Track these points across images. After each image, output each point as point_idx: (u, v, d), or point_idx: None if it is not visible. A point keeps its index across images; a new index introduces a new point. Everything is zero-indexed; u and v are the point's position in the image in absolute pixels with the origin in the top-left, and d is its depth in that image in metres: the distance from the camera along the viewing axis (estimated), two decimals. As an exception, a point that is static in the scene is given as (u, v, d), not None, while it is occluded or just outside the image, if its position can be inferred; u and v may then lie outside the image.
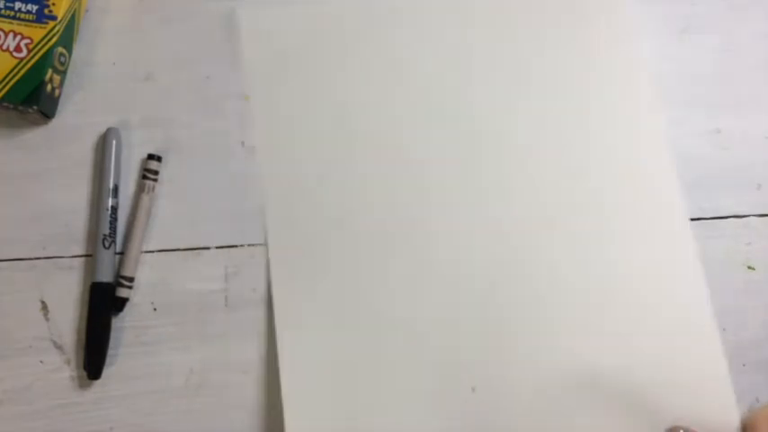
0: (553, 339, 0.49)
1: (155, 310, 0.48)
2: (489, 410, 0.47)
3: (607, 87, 0.52)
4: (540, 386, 0.48)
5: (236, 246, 0.49)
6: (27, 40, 0.47)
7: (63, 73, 0.49)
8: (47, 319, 0.48)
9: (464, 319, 0.49)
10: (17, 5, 0.47)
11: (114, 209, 0.48)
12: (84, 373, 0.47)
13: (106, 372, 0.47)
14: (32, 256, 0.48)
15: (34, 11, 0.47)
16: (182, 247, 0.49)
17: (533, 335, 0.49)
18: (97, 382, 0.47)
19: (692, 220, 0.52)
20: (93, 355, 0.46)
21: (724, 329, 0.51)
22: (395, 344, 0.48)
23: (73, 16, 0.49)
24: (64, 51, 0.48)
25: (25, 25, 0.47)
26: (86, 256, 0.48)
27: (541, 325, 0.49)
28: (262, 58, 0.51)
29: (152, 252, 0.49)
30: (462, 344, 0.48)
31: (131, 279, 0.48)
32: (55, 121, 0.50)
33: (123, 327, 0.48)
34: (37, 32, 0.47)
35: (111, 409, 0.47)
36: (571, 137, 0.52)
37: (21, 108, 0.47)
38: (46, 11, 0.47)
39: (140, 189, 0.49)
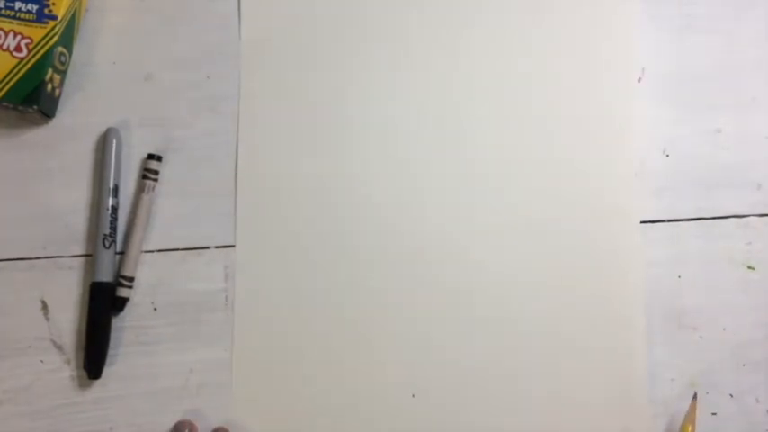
0: (496, 352, 0.50)
1: (155, 309, 0.48)
2: (428, 417, 0.48)
3: (589, 84, 0.53)
4: (479, 392, 0.49)
5: (236, 246, 0.49)
6: (27, 40, 0.47)
7: (63, 73, 0.49)
8: (47, 319, 0.48)
9: (408, 323, 0.49)
10: (17, 5, 0.47)
11: (114, 209, 0.48)
12: (84, 373, 0.47)
13: (106, 372, 0.47)
14: (32, 256, 0.48)
15: (34, 10, 0.47)
16: (182, 247, 0.49)
17: (476, 342, 0.50)
18: (97, 382, 0.47)
19: (692, 220, 0.52)
20: (93, 355, 0.46)
21: (724, 329, 0.51)
22: (341, 348, 0.49)
23: (73, 16, 0.49)
24: (64, 51, 0.48)
25: (25, 25, 0.47)
26: (86, 255, 0.48)
27: (483, 332, 0.50)
28: (252, 54, 0.51)
29: (152, 252, 0.49)
30: (404, 349, 0.49)
31: (131, 279, 0.48)
32: (55, 121, 0.50)
33: (123, 327, 0.48)
34: (37, 32, 0.47)
35: (111, 409, 0.47)
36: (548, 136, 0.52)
37: (21, 108, 0.47)
38: (46, 10, 0.47)
39: (140, 189, 0.49)
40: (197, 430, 0.47)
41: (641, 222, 0.51)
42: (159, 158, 0.49)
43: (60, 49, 0.48)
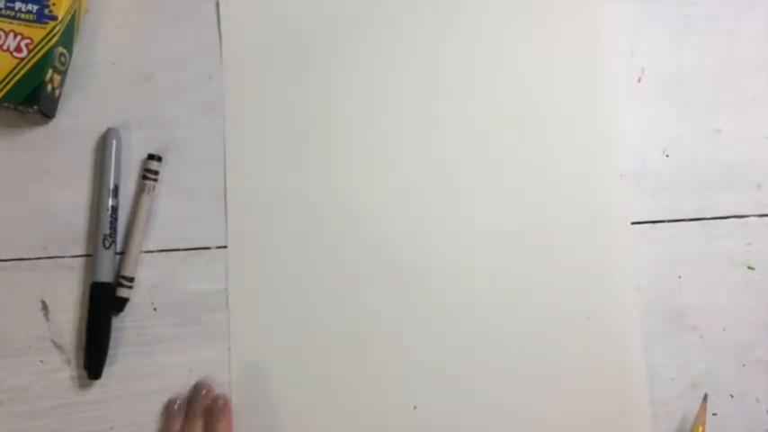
0: (495, 359, 0.49)
1: (155, 310, 0.48)
2: (430, 429, 0.48)
3: (573, 86, 0.52)
4: (479, 398, 0.49)
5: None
6: (27, 40, 0.47)
7: (63, 73, 0.49)
8: (47, 319, 0.48)
9: (409, 334, 0.49)
10: (17, 5, 0.47)
11: (114, 209, 0.48)
12: (84, 373, 0.47)
13: (106, 372, 0.47)
14: (33, 256, 0.48)
15: (34, 11, 0.47)
16: (182, 247, 0.49)
17: (477, 355, 0.49)
18: (97, 382, 0.47)
19: (692, 220, 0.52)
20: (93, 355, 0.46)
21: (724, 329, 0.51)
22: (341, 358, 0.49)
23: (73, 16, 0.49)
24: (64, 51, 0.48)
25: (25, 25, 0.47)
26: (86, 256, 0.48)
27: (485, 344, 0.49)
28: (240, 59, 0.51)
29: (152, 252, 0.49)
30: (405, 361, 0.49)
31: (131, 279, 0.48)
32: (55, 121, 0.50)
33: (123, 327, 0.48)
34: (37, 32, 0.47)
35: (111, 409, 0.47)
36: (535, 140, 0.52)
37: (21, 108, 0.47)
38: (46, 11, 0.47)
39: (140, 189, 0.49)
40: (214, 391, 0.47)
41: (641, 223, 0.51)
42: (159, 159, 0.49)
43: (60, 49, 0.48)
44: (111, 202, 0.48)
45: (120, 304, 0.47)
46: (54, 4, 0.47)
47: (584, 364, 0.50)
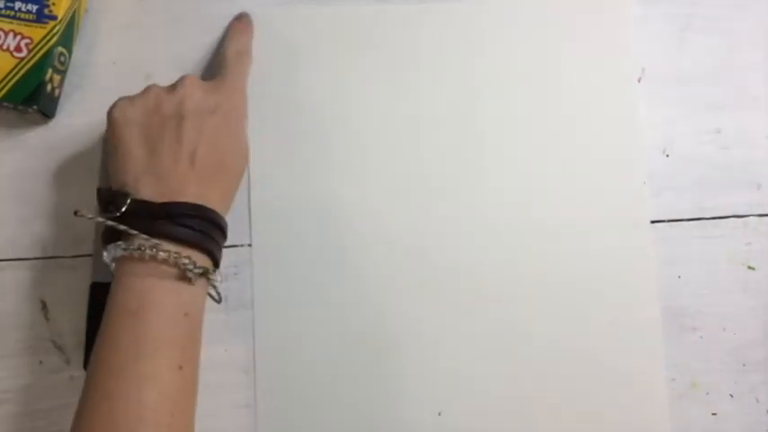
0: (520, 366, 0.49)
1: (155, 310, 0.48)
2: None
3: (591, 88, 0.52)
4: (506, 411, 0.48)
5: (236, 246, 0.49)
6: (27, 40, 0.47)
7: (63, 73, 0.49)
8: (47, 319, 0.48)
9: (433, 339, 0.49)
10: (17, 5, 0.47)
11: (114, 209, 0.48)
12: (84, 374, 0.47)
13: (106, 372, 0.47)
14: (32, 256, 0.48)
15: (34, 11, 0.47)
16: (182, 247, 0.49)
17: (501, 361, 0.49)
18: (97, 382, 0.47)
19: (692, 219, 0.52)
20: (94, 355, 0.46)
21: (724, 329, 0.51)
22: (365, 363, 0.48)
23: (73, 16, 0.49)
24: (64, 51, 0.48)
25: (25, 25, 0.47)
26: (86, 255, 0.48)
27: (510, 350, 0.49)
28: (266, 59, 0.51)
29: (152, 252, 0.49)
30: (430, 367, 0.49)
31: (131, 279, 0.48)
32: (55, 121, 0.50)
33: (123, 327, 0.48)
34: (37, 32, 0.47)
35: (111, 409, 0.47)
36: (556, 138, 0.52)
37: (21, 108, 0.47)
38: (46, 11, 0.47)
39: (140, 189, 0.49)
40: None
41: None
42: (159, 158, 0.49)
43: (60, 49, 0.48)
44: (111, 201, 0.48)
45: (120, 304, 0.47)
46: (54, 4, 0.47)
47: (609, 370, 0.49)
